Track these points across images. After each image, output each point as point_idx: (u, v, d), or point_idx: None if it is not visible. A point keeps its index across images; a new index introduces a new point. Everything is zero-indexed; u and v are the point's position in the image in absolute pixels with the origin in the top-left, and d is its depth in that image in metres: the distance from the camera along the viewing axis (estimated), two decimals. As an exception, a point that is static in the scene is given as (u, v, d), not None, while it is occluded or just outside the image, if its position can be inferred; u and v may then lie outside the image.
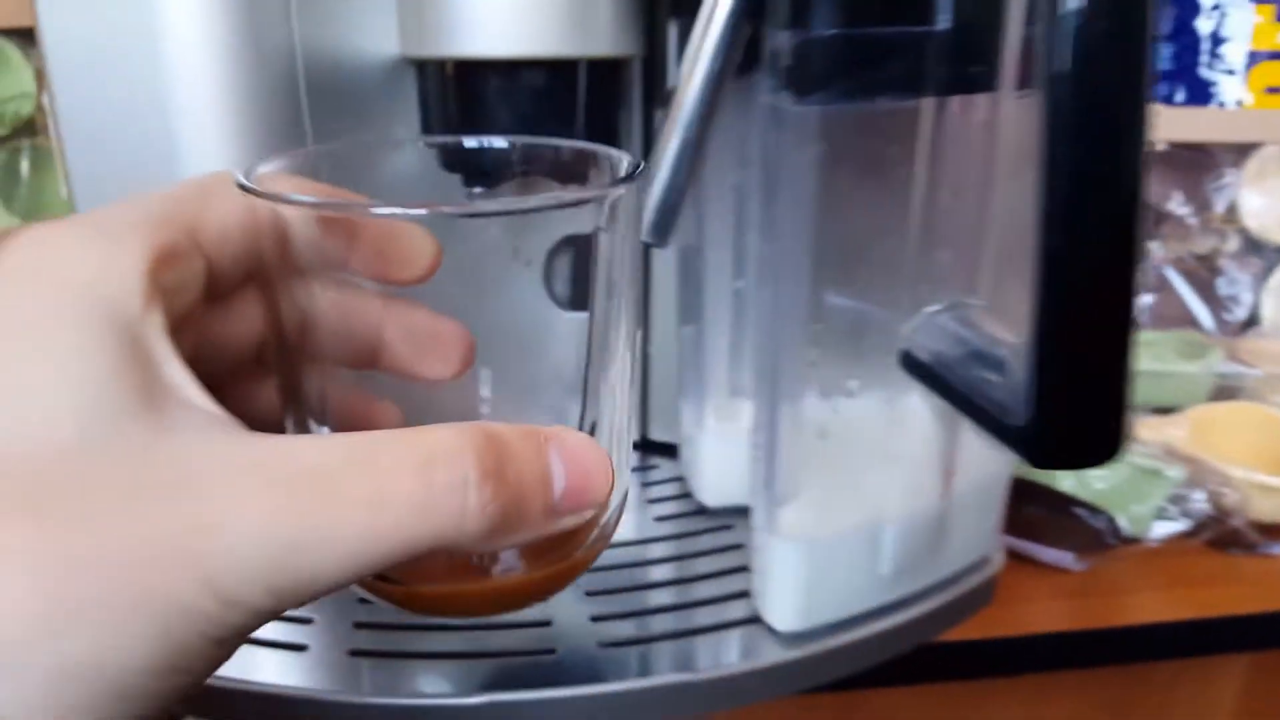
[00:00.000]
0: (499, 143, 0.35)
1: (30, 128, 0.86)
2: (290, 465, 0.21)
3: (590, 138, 0.45)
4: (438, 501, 0.21)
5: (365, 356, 0.27)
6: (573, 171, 0.47)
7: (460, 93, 0.44)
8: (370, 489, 0.20)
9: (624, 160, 0.28)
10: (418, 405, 0.29)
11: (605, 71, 0.44)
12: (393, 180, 0.49)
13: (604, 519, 0.29)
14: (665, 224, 0.39)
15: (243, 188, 0.24)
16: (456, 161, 0.47)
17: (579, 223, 0.31)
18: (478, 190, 0.46)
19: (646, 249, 0.51)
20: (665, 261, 0.51)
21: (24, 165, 0.87)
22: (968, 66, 0.33)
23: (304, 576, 0.20)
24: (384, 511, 0.20)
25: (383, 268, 0.26)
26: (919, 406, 0.39)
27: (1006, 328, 0.34)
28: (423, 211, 0.24)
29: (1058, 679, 0.62)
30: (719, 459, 0.49)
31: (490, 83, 0.44)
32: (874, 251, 0.35)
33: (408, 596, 0.27)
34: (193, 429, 0.21)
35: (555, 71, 0.43)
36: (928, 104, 0.34)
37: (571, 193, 0.29)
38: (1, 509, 0.19)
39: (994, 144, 0.35)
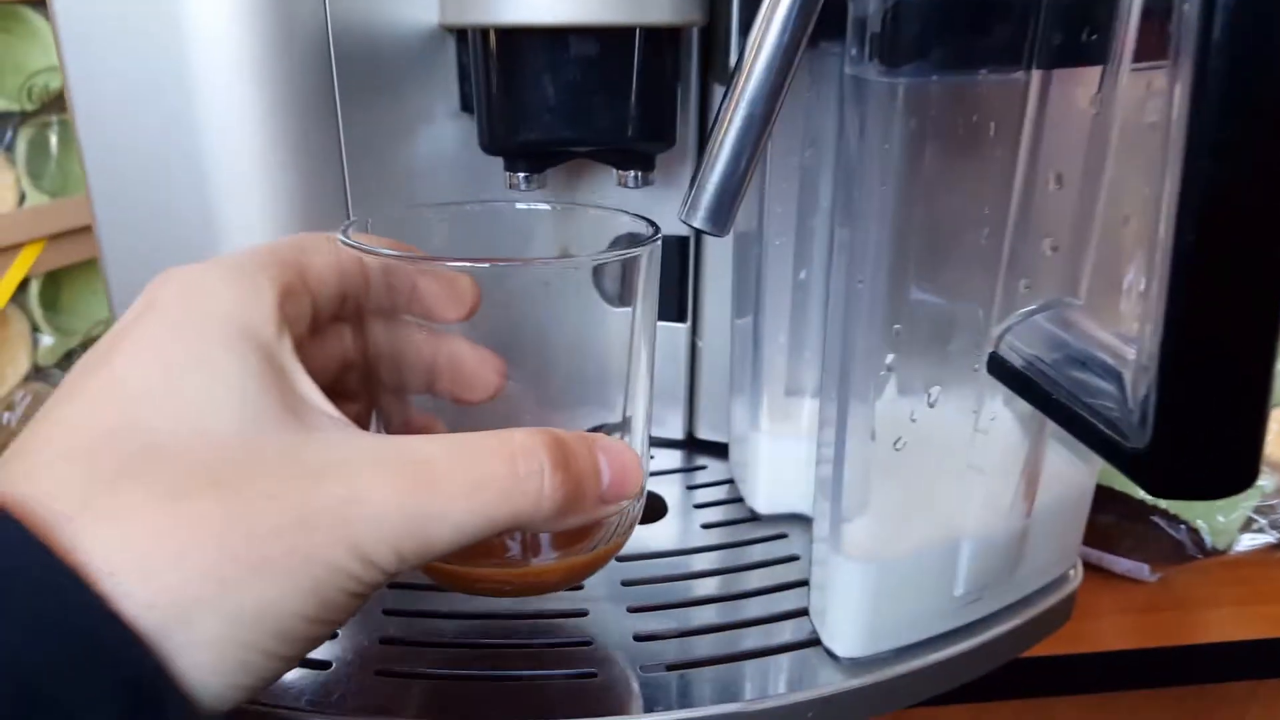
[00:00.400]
0: (541, 206, 0.39)
1: (59, 103, 0.84)
2: (407, 456, 0.26)
3: (643, 114, 0.41)
4: (520, 486, 0.26)
5: (422, 383, 0.34)
6: (621, 159, 0.43)
7: (504, 65, 0.41)
8: (471, 476, 0.26)
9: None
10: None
11: (661, 41, 0.41)
12: (434, 163, 0.46)
13: (628, 513, 0.35)
14: (724, 211, 0.35)
15: (342, 242, 0.32)
16: (500, 147, 0.43)
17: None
18: (521, 175, 0.43)
19: (699, 236, 0.48)
20: (720, 248, 0.47)
21: (53, 141, 0.85)
22: (1079, 35, 0.29)
23: (423, 543, 0.25)
24: (481, 493, 0.26)
25: (435, 309, 0.32)
26: (1003, 415, 0.35)
27: (1114, 332, 0.30)
28: (484, 265, 0.31)
29: (1124, 697, 0.58)
30: (773, 462, 0.45)
31: (536, 53, 0.41)
32: (964, 242, 0.31)
33: (462, 577, 0.34)
34: (325, 428, 0.27)
35: (607, 41, 0.40)
36: (1032, 77, 0.30)
37: (612, 253, 0.34)
38: (192, 486, 0.24)
39: (1104, 125, 0.31)
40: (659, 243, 0.34)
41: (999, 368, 0.32)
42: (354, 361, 0.34)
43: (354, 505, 0.25)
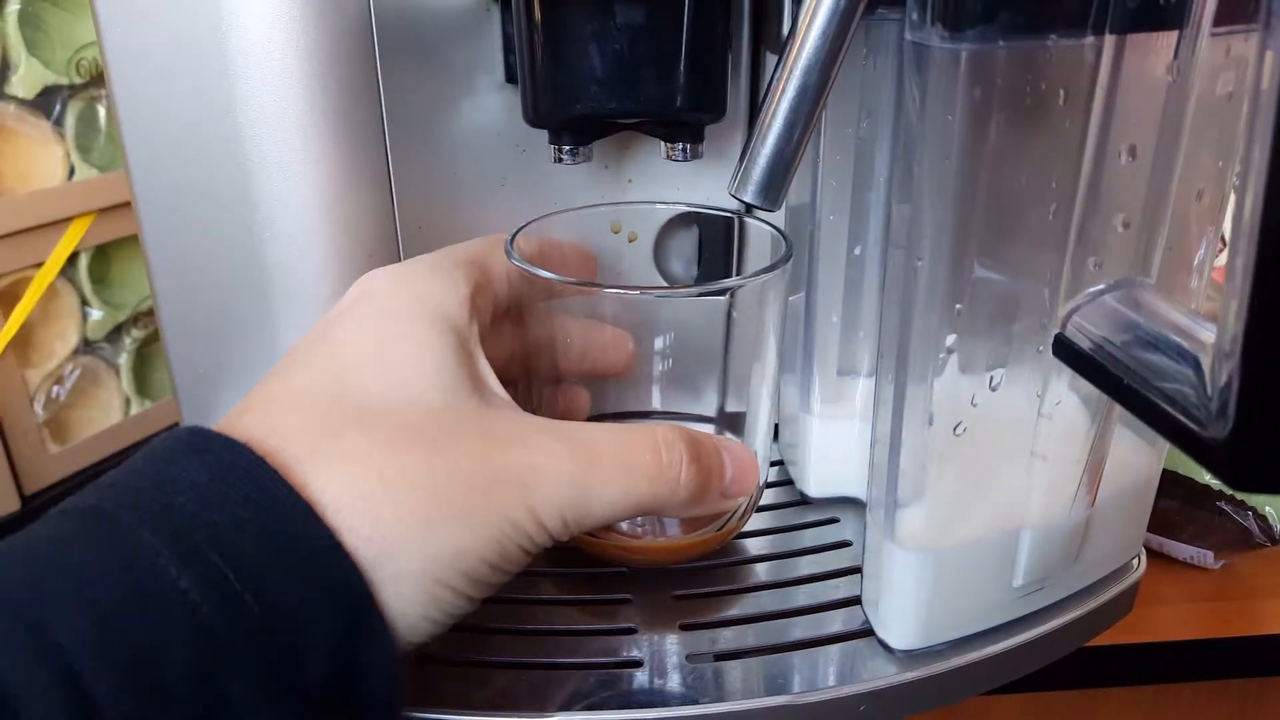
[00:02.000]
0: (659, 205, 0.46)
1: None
2: (576, 437, 0.31)
3: (692, 84, 0.40)
4: (664, 474, 0.31)
5: (574, 367, 0.39)
6: (669, 131, 0.42)
7: (548, 35, 0.39)
8: (626, 459, 0.31)
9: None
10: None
11: (710, 8, 0.39)
12: (478, 136, 0.45)
13: (746, 502, 0.40)
14: (776, 185, 0.34)
15: (509, 255, 0.37)
16: (544, 120, 0.42)
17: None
18: (567, 149, 0.42)
19: (749, 210, 0.46)
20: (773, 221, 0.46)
21: (101, 115, 0.85)
22: (1158, -3, 0.27)
23: (583, 513, 0.30)
24: (633, 476, 0.31)
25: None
26: (1069, 400, 0.33)
27: (1188, 313, 0.28)
28: (634, 293, 0.38)
29: (1183, 688, 0.57)
30: (825, 444, 0.44)
31: (582, 22, 0.39)
32: (1030, 218, 0.30)
33: (607, 547, 0.40)
34: (503, 406, 0.32)
35: (654, 8, 0.38)
36: (1104, 43, 0.28)
37: (750, 277, 0.38)
38: (405, 439, 0.29)
39: (1181, 94, 0.29)
40: (790, 262, 0.38)
41: (1065, 350, 0.30)
42: (516, 352, 0.39)
43: (534, 472, 0.29)
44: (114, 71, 0.41)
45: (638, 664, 0.36)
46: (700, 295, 0.38)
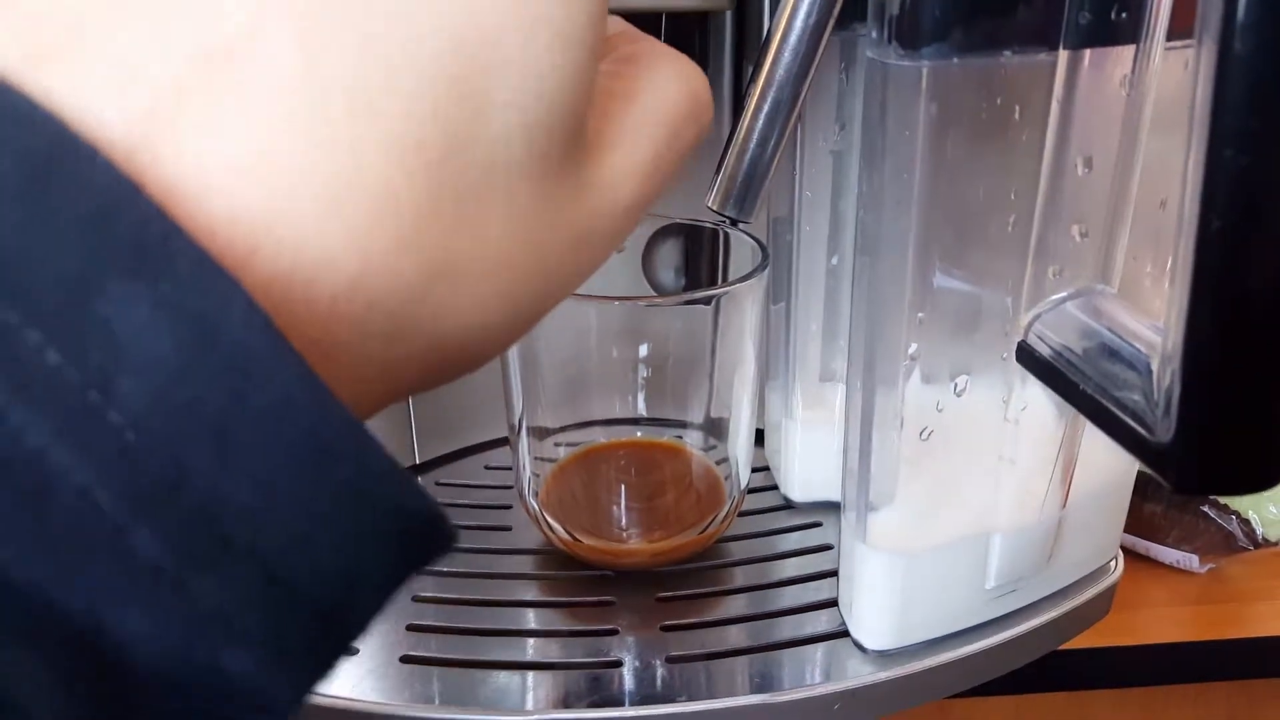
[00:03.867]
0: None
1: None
2: None
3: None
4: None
5: None
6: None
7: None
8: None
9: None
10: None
11: (692, 24, 0.40)
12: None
13: (727, 506, 0.42)
14: (751, 197, 0.35)
15: None
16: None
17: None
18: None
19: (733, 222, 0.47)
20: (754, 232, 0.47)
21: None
22: (1109, 13, 0.28)
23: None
24: None
25: None
26: (1036, 404, 0.34)
27: (1146, 321, 0.29)
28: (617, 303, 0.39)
29: (1172, 691, 0.57)
30: (807, 449, 0.45)
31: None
32: (990, 227, 0.31)
33: (592, 550, 0.41)
34: None
35: (636, 24, 0.39)
36: (1060, 58, 0.29)
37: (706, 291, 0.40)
38: None
39: (1136, 106, 0.30)
40: (766, 271, 0.39)
41: (1027, 357, 0.31)
42: None
43: None
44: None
45: (618, 664, 0.37)
46: (677, 305, 0.39)
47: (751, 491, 0.47)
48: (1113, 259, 0.31)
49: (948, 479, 0.35)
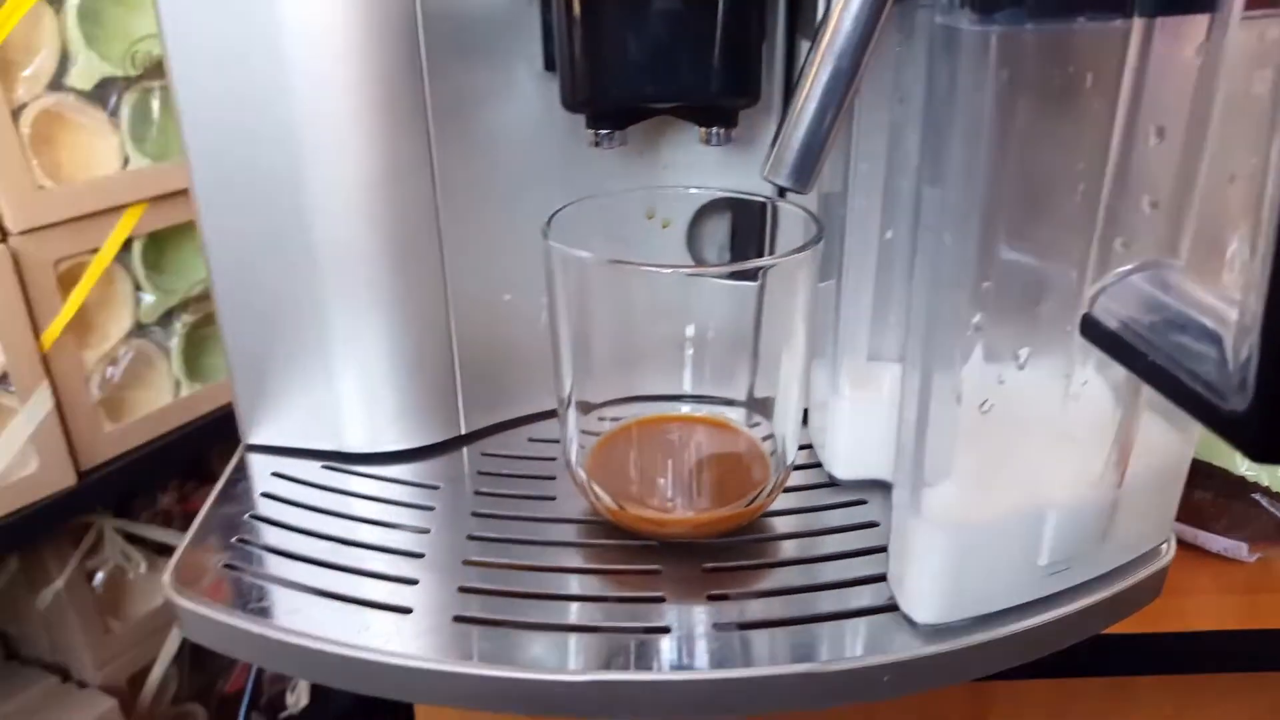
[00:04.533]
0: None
1: (160, 69, 0.86)
2: None
3: (727, 69, 0.41)
4: None
5: None
6: (704, 116, 0.43)
7: (586, 21, 0.41)
8: None
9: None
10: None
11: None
12: (518, 120, 0.46)
13: (772, 480, 0.42)
14: (808, 167, 0.35)
15: (544, 237, 0.39)
16: (581, 105, 0.43)
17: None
18: (603, 132, 0.43)
19: (782, 194, 0.47)
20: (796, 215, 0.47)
21: (155, 106, 0.87)
22: (1186, -20, 0.28)
23: None
24: None
25: None
26: (1096, 381, 0.34)
27: (1215, 294, 0.29)
28: (667, 271, 0.39)
29: (1216, 680, 0.56)
30: (854, 428, 0.45)
31: (620, 10, 0.40)
32: (1058, 198, 0.30)
33: (637, 520, 0.41)
34: None
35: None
36: (1133, 25, 0.28)
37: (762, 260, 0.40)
38: None
39: (1210, 76, 0.29)
40: (820, 244, 0.39)
41: (1092, 329, 0.31)
42: None
43: None
44: (174, 60, 0.42)
45: (665, 630, 0.37)
46: (731, 273, 0.39)
47: (796, 469, 0.47)
48: (1181, 232, 0.31)
49: (1005, 453, 0.34)
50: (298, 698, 1.23)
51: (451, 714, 0.60)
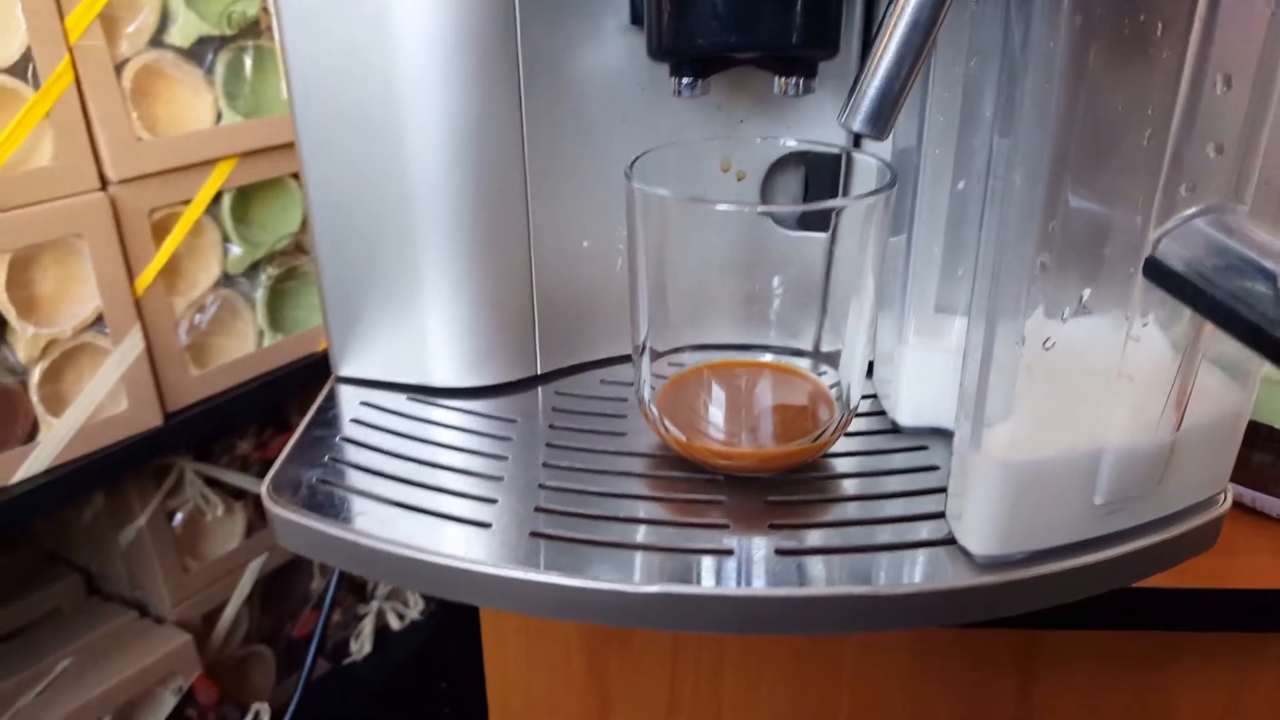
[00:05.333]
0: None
1: (254, 29, 0.89)
2: None
3: (808, 21, 0.42)
4: None
5: None
6: (784, 66, 0.45)
7: (672, -21, 0.42)
8: None
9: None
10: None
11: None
12: (603, 69, 0.48)
13: (837, 419, 0.44)
14: (885, 114, 0.37)
15: (627, 179, 0.41)
16: (666, 54, 0.45)
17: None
18: (685, 81, 0.45)
19: (856, 143, 0.48)
20: (870, 166, 0.48)
21: (248, 65, 0.91)
22: (1260, -69, 0.29)
23: None
24: None
25: None
26: (1157, 323, 0.35)
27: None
28: (746, 209, 0.42)
29: (1267, 641, 0.57)
30: (918, 375, 0.46)
31: (705, -36, 0.42)
32: (1125, 143, 0.32)
33: (701, 451, 0.43)
34: None
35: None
36: (1206, -25, 0.30)
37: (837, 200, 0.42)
38: None
39: (1280, 26, 0.30)
40: (894, 189, 0.40)
41: (1155, 270, 0.32)
42: None
43: None
44: (284, 7, 0.45)
45: (729, 553, 0.39)
46: (803, 221, 0.41)
47: (860, 415, 0.49)
48: (1246, 178, 0.32)
49: (1066, 391, 0.36)
50: (361, 645, 1.27)
51: (516, 653, 0.62)
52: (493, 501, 0.42)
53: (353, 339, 0.51)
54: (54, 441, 0.81)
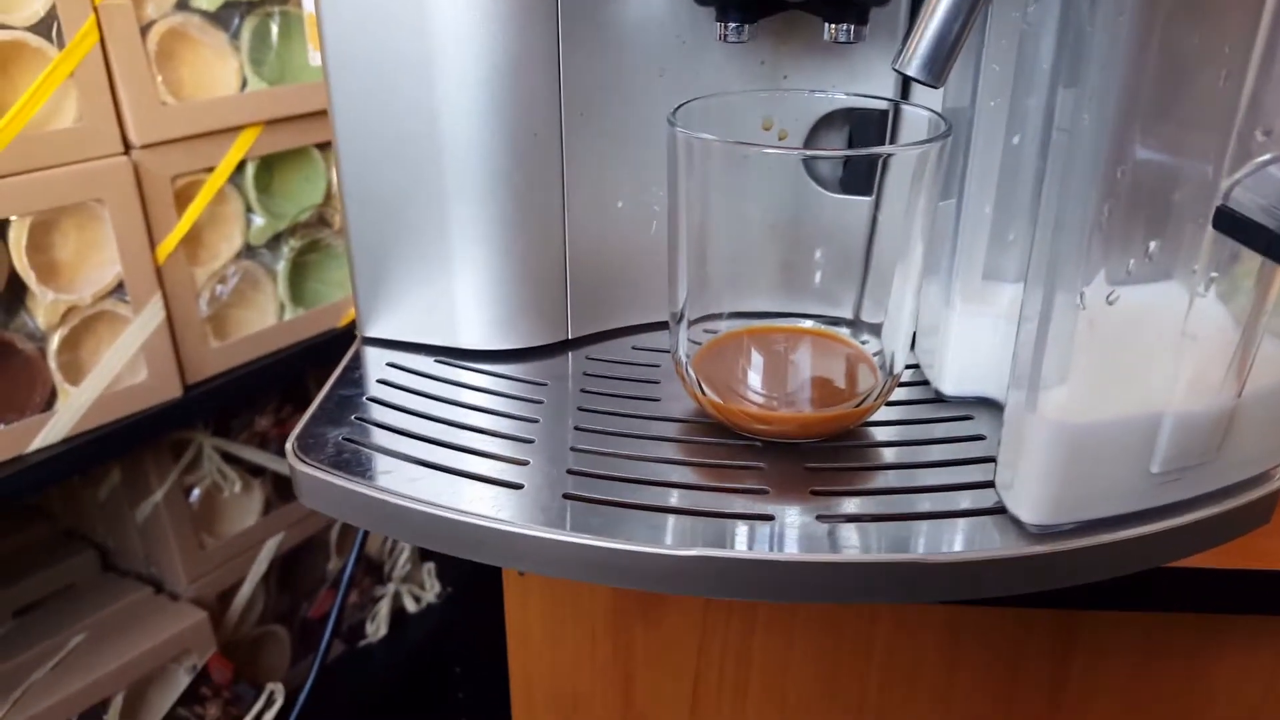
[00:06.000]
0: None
1: (280, -7, 0.88)
2: None
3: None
4: None
5: None
6: (833, 11, 0.43)
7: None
8: None
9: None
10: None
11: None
12: (645, 19, 0.47)
13: (880, 386, 0.43)
14: (940, 60, 0.35)
15: (670, 125, 0.40)
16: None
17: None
18: (732, 26, 0.43)
19: (905, 90, 0.47)
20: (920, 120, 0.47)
21: (274, 31, 0.90)
22: None
23: None
24: None
25: None
26: (1225, 280, 0.33)
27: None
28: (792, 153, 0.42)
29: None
30: (965, 343, 0.45)
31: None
32: (1200, 84, 0.30)
33: (740, 415, 0.42)
34: None
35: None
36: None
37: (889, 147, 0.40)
38: None
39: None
40: (948, 140, 0.38)
41: (1226, 220, 0.31)
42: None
43: None
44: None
45: (768, 518, 0.38)
46: (853, 165, 0.39)
47: (903, 385, 0.48)
48: (1326, 123, 0.30)
49: (1127, 351, 0.34)
50: (378, 626, 1.27)
51: (540, 632, 0.61)
52: (523, 464, 0.41)
53: (380, 298, 0.50)
54: (72, 410, 0.81)
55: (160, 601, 1.07)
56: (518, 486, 0.39)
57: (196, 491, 1.05)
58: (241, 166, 0.89)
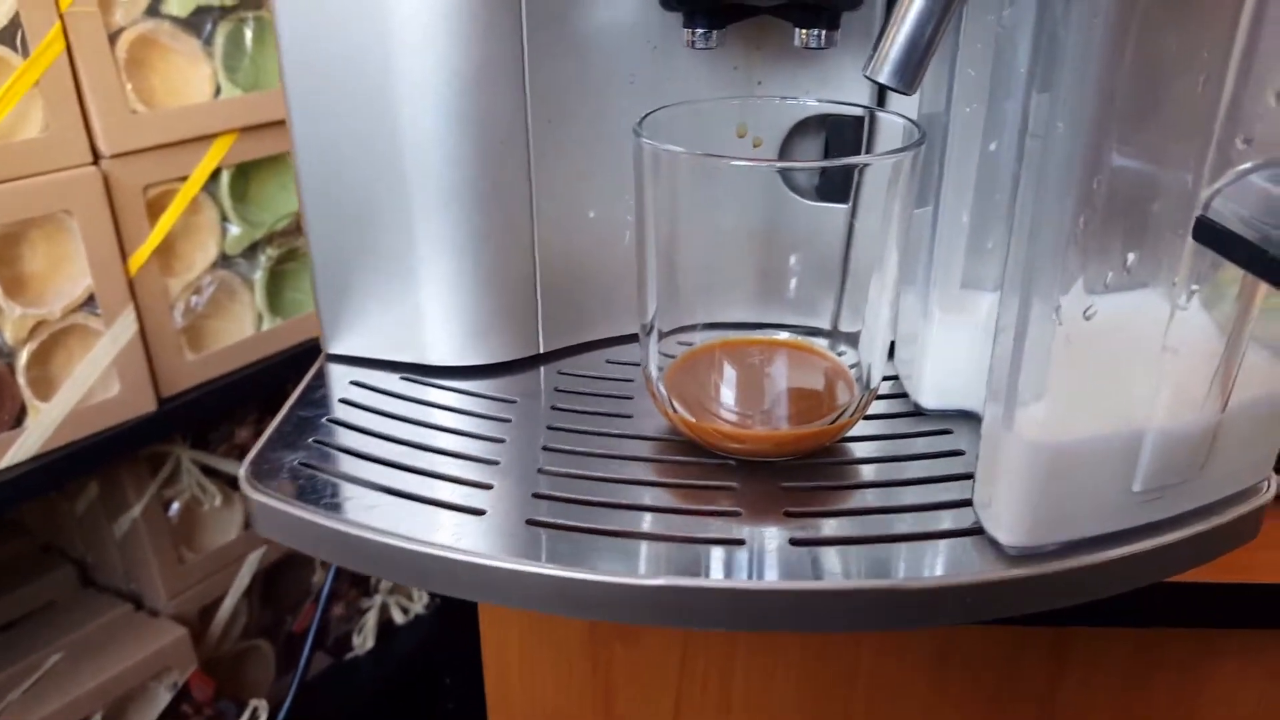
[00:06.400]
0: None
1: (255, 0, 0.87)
2: None
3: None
4: None
5: None
6: (804, 16, 0.42)
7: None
8: None
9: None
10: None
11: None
12: (612, 26, 0.45)
13: (856, 400, 0.41)
14: (914, 63, 0.34)
15: (636, 136, 0.38)
16: (679, 2, 0.42)
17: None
18: (700, 32, 0.42)
19: (881, 94, 0.46)
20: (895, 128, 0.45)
21: (248, 36, 0.88)
22: None
23: None
24: None
25: None
26: (1205, 292, 0.32)
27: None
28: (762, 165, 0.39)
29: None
30: (943, 355, 0.43)
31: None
32: (1177, 90, 0.29)
33: (714, 434, 0.41)
34: None
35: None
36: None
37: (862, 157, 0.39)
38: None
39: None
40: (921, 148, 0.37)
41: (1207, 231, 0.30)
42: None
43: None
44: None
45: (740, 543, 0.36)
46: (827, 174, 0.38)
47: (881, 398, 0.46)
48: (1309, 130, 0.29)
49: (1106, 364, 0.33)
50: (364, 639, 1.25)
51: (516, 651, 0.60)
52: (488, 487, 0.40)
53: (344, 314, 0.49)
54: (42, 426, 0.79)
55: (140, 618, 1.05)
56: (480, 513, 0.38)
57: (175, 505, 1.03)
58: (216, 174, 0.87)
